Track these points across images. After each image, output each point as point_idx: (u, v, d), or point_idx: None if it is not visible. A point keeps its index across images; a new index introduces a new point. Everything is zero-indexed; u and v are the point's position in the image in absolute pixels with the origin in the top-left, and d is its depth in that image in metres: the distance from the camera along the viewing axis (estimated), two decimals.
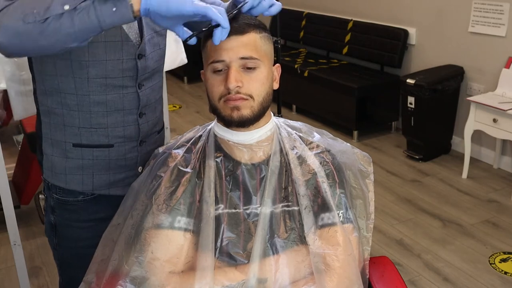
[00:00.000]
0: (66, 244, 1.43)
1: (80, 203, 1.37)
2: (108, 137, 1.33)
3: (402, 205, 3.17)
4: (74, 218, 1.39)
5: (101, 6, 0.98)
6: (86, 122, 1.30)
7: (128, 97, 1.32)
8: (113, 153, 1.35)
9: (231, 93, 1.12)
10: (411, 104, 3.59)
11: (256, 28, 1.15)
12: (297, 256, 1.17)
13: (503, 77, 3.33)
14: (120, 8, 0.99)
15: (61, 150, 1.34)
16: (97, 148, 1.33)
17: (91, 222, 1.39)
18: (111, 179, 1.37)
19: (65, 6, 0.97)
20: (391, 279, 1.32)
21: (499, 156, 3.56)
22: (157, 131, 1.47)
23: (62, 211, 1.39)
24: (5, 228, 2.13)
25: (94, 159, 1.34)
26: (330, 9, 4.93)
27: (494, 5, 3.42)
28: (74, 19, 0.98)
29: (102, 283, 1.18)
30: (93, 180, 1.36)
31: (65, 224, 1.40)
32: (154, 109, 1.42)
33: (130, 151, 1.38)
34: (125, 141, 1.36)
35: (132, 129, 1.36)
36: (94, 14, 0.99)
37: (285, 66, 4.20)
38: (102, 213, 1.37)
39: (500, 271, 2.52)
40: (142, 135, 1.39)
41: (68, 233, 1.41)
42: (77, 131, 1.31)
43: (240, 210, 1.18)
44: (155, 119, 1.43)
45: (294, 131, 1.27)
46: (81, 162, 1.34)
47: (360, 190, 1.29)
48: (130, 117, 1.35)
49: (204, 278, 1.12)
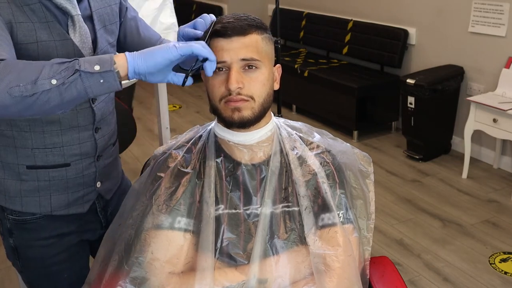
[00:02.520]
0: (32, 265, 1.36)
1: (40, 220, 1.32)
2: (64, 156, 1.28)
3: (402, 205, 3.17)
4: (35, 237, 1.33)
5: (88, 78, 0.98)
6: (40, 143, 1.24)
7: (83, 113, 1.28)
8: (70, 172, 1.30)
9: (232, 94, 1.11)
10: (411, 104, 3.59)
11: (258, 29, 1.15)
12: (297, 257, 1.17)
13: (503, 77, 3.33)
14: (107, 79, 0.99)
15: (14, 173, 1.27)
16: (53, 168, 1.28)
17: (53, 239, 1.34)
18: (70, 199, 1.33)
19: (52, 80, 0.96)
20: (391, 279, 1.32)
21: (499, 156, 3.56)
22: (112, 143, 1.42)
23: (21, 232, 1.33)
24: None
25: (50, 180, 1.29)
26: (330, 9, 4.93)
27: (494, 5, 3.42)
28: (62, 93, 0.98)
29: (102, 284, 1.18)
30: (50, 202, 1.31)
31: (27, 245, 1.34)
32: (109, 122, 1.38)
33: (88, 168, 1.33)
34: (82, 158, 1.31)
35: (89, 145, 1.32)
36: (82, 87, 0.98)
37: (285, 66, 4.20)
38: (64, 229, 1.34)
39: (500, 271, 2.52)
40: (99, 150, 1.35)
41: (31, 254, 1.35)
42: (30, 152, 1.25)
43: (240, 210, 1.18)
44: (110, 131, 1.39)
45: (294, 131, 1.27)
46: (36, 184, 1.28)
47: (361, 190, 1.29)
48: (86, 133, 1.30)
49: (204, 278, 1.12)
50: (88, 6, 1.26)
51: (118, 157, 1.51)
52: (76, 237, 1.37)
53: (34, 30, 1.13)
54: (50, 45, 1.15)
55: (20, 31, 1.11)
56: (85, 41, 1.22)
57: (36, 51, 1.14)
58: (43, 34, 1.15)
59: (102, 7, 1.30)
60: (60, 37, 1.17)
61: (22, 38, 1.12)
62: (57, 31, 1.17)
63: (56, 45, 1.16)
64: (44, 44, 1.15)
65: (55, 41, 1.16)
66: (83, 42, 1.22)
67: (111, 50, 1.32)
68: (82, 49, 1.21)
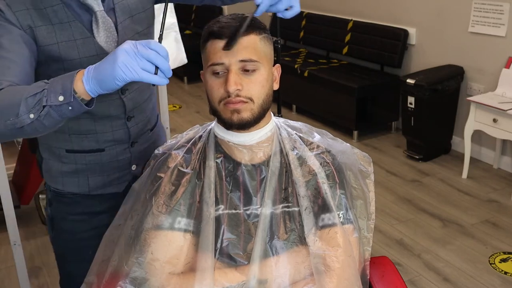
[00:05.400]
0: (62, 237, 1.45)
1: (76, 197, 1.40)
2: (98, 142, 1.35)
3: (402, 205, 3.17)
4: (69, 211, 1.42)
5: (58, 108, 1.01)
6: (76, 129, 1.32)
7: (113, 103, 1.33)
8: (105, 157, 1.37)
9: (231, 97, 1.11)
10: (411, 104, 3.59)
11: (256, 30, 1.14)
12: (297, 257, 1.17)
13: (503, 77, 3.33)
14: (74, 106, 1.02)
15: (55, 155, 1.37)
16: (89, 153, 1.36)
17: (85, 216, 1.41)
18: (106, 180, 1.40)
19: (30, 115, 1.01)
20: (391, 279, 1.32)
21: (499, 156, 3.56)
22: (149, 129, 1.47)
23: (58, 204, 1.43)
24: (5, 228, 2.13)
25: (87, 163, 1.37)
26: (330, 9, 4.92)
27: (494, 5, 3.41)
28: (43, 122, 1.03)
29: (102, 284, 1.18)
30: (88, 183, 1.39)
31: (61, 217, 1.44)
32: (143, 110, 1.42)
33: (122, 153, 1.39)
34: (116, 144, 1.38)
35: (122, 132, 1.37)
36: (56, 115, 1.02)
37: (285, 66, 4.20)
38: (97, 208, 1.40)
39: (500, 271, 2.51)
40: (133, 137, 1.40)
41: (63, 226, 1.44)
42: (68, 137, 1.33)
43: (240, 211, 1.18)
44: (145, 119, 1.43)
45: (294, 131, 1.27)
46: (75, 167, 1.37)
47: (361, 191, 1.29)
48: (118, 122, 1.36)
49: (204, 279, 1.12)
50: (111, 0, 1.28)
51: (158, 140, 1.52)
52: (107, 217, 1.39)
53: (54, 32, 1.19)
54: (70, 45, 1.21)
55: (40, 34, 1.18)
56: (109, 35, 1.25)
57: (57, 51, 1.20)
58: (64, 35, 1.21)
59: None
60: (81, 36, 1.22)
61: (43, 41, 1.18)
62: (79, 30, 1.22)
63: (77, 44, 1.22)
64: (64, 44, 1.21)
65: (75, 40, 1.22)
66: (108, 36, 1.25)
67: (139, 39, 1.31)
68: (106, 43, 1.25)
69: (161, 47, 1.00)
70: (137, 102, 1.38)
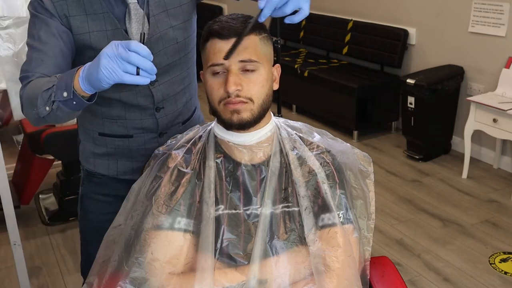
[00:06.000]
0: (88, 216, 1.53)
1: (105, 178, 1.48)
2: (127, 128, 1.41)
3: (402, 205, 3.17)
4: (97, 191, 1.50)
5: (66, 102, 1.10)
6: (107, 114, 1.39)
7: (141, 94, 1.37)
8: (133, 143, 1.43)
9: (230, 97, 1.11)
10: (411, 104, 3.59)
11: (255, 30, 1.14)
12: (297, 257, 1.17)
13: (503, 77, 3.33)
14: (77, 101, 1.09)
15: (90, 137, 1.46)
16: (118, 138, 1.42)
17: (111, 198, 1.47)
18: (134, 166, 1.45)
19: (46, 107, 1.12)
20: (391, 279, 1.32)
21: (499, 156, 3.56)
22: (180, 122, 1.48)
23: (89, 183, 1.52)
24: (5, 228, 2.14)
25: (116, 148, 1.44)
26: (330, 9, 4.92)
27: (494, 5, 3.41)
28: (57, 114, 1.13)
29: (102, 284, 1.18)
30: (117, 166, 1.46)
31: (89, 196, 1.52)
32: (175, 102, 1.44)
33: (150, 142, 1.44)
34: (144, 132, 1.42)
35: (150, 122, 1.41)
36: (66, 108, 1.11)
37: (285, 66, 4.20)
38: (123, 192, 1.39)
39: (500, 271, 2.51)
40: (161, 128, 1.43)
41: (90, 205, 1.52)
42: (101, 121, 1.41)
43: (240, 211, 1.18)
44: (176, 111, 1.45)
45: (294, 131, 1.27)
46: (105, 150, 1.45)
47: (361, 190, 1.29)
48: (147, 111, 1.40)
49: (204, 279, 1.12)
50: None
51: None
52: None
53: (87, 22, 1.27)
54: (101, 35, 1.28)
55: (74, 23, 1.26)
56: (140, 27, 1.29)
57: (88, 40, 1.28)
58: (96, 25, 1.27)
59: None
60: (112, 27, 1.28)
61: (76, 30, 1.27)
62: (110, 21, 1.28)
63: (108, 35, 1.28)
64: (96, 34, 1.28)
65: (107, 30, 1.28)
66: (139, 28, 1.30)
67: (173, 33, 1.36)
68: (137, 35, 1.29)
69: (142, 47, 1.02)
70: (166, 94, 1.41)
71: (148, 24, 1.31)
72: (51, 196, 3.19)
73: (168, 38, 1.35)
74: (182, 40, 1.39)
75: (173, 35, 1.35)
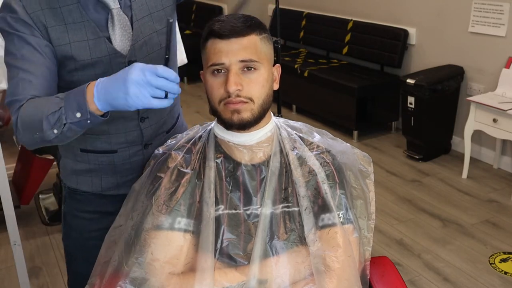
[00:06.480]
0: (72, 234, 1.47)
1: (89, 195, 1.42)
2: (111, 143, 1.35)
3: (402, 205, 3.17)
4: (81, 208, 1.44)
5: (78, 123, 1.08)
6: (90, 129, 1.30)
7: None
8: (117, 158, 1.38)
9: (231, 97, 1.11)
10: (411, 104, 3.59)
11: (256, 30, 1.14)
12: (297, 257, 1.17)
13: (503, 77, 3.33)
14: (92, 119, 1.07)
15: (71, 153, 1.39)
16: (101, 153, 1.36)
17: (96, 214, 1.42)
18: (119, 181, 1.40)
19: (54, 131, 1.08)
20: (391, 279, 1.32)
21: (499, 156, 3.56)
22: (165, 131, 1.45)
23: (71, 200, 1.45)
24: (5, 228, 2.14)
25: (99, 164, 1.38)
26: (330, 9, 4.92)
27: (494, 5, 3.41)
28: (66, 135, 1.10)
29: (102, 284, 1.18)
30: (101, 182, 1.40)
31: (72, 214, 1.46)
32: (159, 112, 1.39)
33: (135, 155, 1.39)
34: (128, 146, 1.37)
35: (135, 134, 1.36)
36: (77, 128, 1.09)
37: (285, 66, 4.20)
38: (109, 208, 1.39)
39: (500, 271, 2.51)
40: (146, 139, 1.39)
41: (74, 223, 1.46)
42: (82, 137, 1.31)
43: (240, 211, 1.18)
44: (160, 121, 1.41)
45: (294, 131, 1.27)
46: (88, 166, 1.38)
47: (361, 190, 1.29)
48: (132, 123, 1.35)
49: (204, 279, 1.12)
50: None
51: None
52: None
53: (66, 32, 1.20)
54: (82, 45, 1.22)
55: (53, 34, 1.19)
56: (124, 33, 1.25)
57: (69, 51, 1.21)
58: (76, 35, 1.21)
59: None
60: (93, 36, 1.23)
61: (56, 41, 1.20)
62: (91, 30, 1.22)
63: (89, 44, 1.22)
64: (77, 44, 1.21)
65: (88, 40, 1.22)
66: (123, 35, 1.25)
67: (158, 38, 1.32)
68: (121, 41, 1.25)
69: (170, 72, 1.03)
70: None
71: (132, 29, 1.26)
72: (51, 196, 3.19)
73: (153, 43, 1.31)
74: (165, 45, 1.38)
75: (157, 40, 1.31)
